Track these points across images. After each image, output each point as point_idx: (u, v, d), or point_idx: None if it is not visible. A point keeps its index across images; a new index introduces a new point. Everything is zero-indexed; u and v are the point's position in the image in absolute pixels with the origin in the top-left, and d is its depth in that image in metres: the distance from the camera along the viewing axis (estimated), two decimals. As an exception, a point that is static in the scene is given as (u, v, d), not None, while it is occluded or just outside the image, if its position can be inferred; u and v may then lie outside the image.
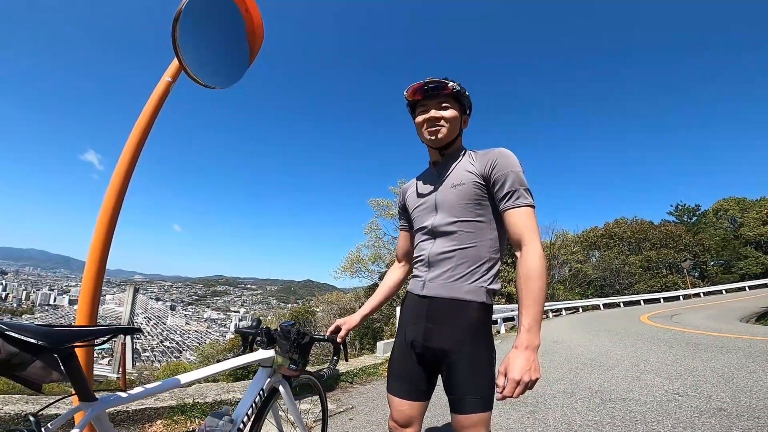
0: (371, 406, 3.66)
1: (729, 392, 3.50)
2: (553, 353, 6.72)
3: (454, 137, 1.49)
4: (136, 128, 2.14)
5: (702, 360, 5.13)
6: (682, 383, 3.95)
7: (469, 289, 1.37)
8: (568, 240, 34.36)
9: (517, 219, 1.31)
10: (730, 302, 20.31)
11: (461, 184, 1.41)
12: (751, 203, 43.60)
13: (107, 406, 1.08)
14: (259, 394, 1.57)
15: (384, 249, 25.16)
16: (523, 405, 3.52)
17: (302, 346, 1.66)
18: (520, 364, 1.16)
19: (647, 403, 3.35)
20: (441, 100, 1.45)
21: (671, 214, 48.08)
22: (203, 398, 3.08)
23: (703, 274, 37.61)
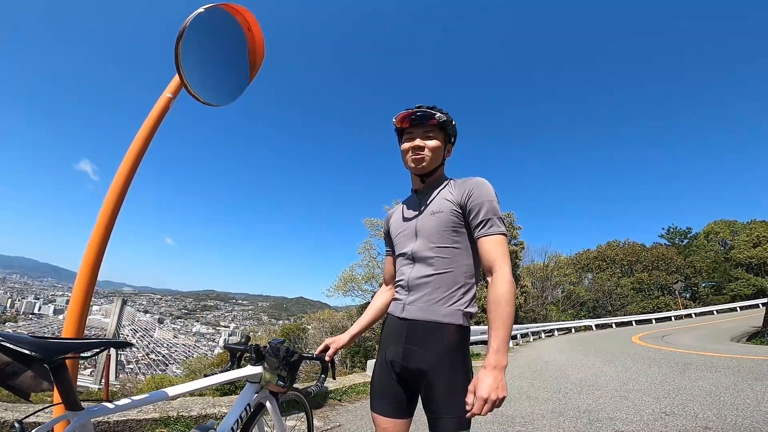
0: (359, 424, 3.63)
1: (715, 410, 3.52)
2: (543, 373, 6.71)
3: (437, 166, 1.54)
4: (135, 142, 2.18)
5: (690, 379, 5.15)
6: (670, 402, 3.96)
7: (446, 312, 1.42)
8: (562, 262, 34.56)
9: (489, 246, 1.36)
10: (721, 323, 20.37)
11: (440, 212, 1.47)
12: (741, 226, 44.17)
13: (93, 416, 1.09)
14: (245, 408, 1.58)
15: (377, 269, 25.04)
16: (510, 424, 3.51)
17: (291, 364, 1.68)
18: (488, 383, 1.20)
19: (634, 423, 3.35)
20: (427, 129, 1.51)
21: (663, 236, 48.54)
22: (188, 412, 3.04)
23: (694, 296, 37.78)
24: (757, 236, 40.77)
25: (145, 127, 2.21)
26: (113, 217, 2.13)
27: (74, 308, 1.98)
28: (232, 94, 2.48)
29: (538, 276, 30.55)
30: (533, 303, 27.82)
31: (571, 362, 8.06)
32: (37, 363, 0.96)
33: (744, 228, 43.38)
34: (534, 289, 28.76)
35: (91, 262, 2.05)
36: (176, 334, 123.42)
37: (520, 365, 7.97)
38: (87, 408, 1.08)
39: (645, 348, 10.28)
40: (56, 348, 0.99)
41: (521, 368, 7.48)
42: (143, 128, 2.20)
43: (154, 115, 2.23)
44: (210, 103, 2.33)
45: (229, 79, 2.43)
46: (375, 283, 24.65)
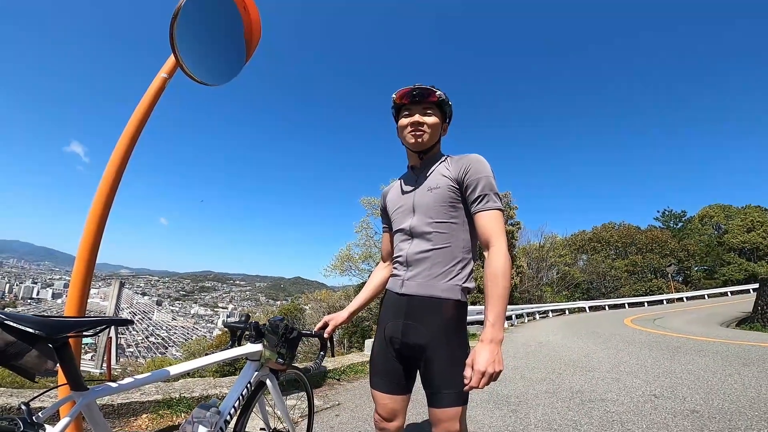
0: (358, 402, 3.72)
1: (703, 394, 3.62)
2: (537, 354, 6.85)
3: (434, 143, 1.57)
4: (131, 123, 2.17)
5: (680, 363, 5.28)
6: (659, 385, 4.07)
7: (445, 287, 1.45)
8: (557, 243, 34.82)
9: (486, 221, 1.39)
10: (712, 307, 20.74)
11: (437, 188, 1.49)
12: (736, 210, 44.50)
13: (98, 395, 1.11)
14: (246, 386, 1.60)
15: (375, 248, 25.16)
16: (506, 404, 3.61)
17: (290, 341, 1.70)
18: (485, 356, 1.23)
19: (624, 404, 3.45)
20: (426, 106, 1.52)
21: (658, 219, 48.86)
22: (190, 393, 3.10)
23: (686, 279, 38.34)
24: (752, 221, 41.14)
25: (140, 107, 2.19)
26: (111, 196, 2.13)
27: (75, 289, 2.00)
28: (228, 74, 2.45)
29: (534, 256, 30.82)
30: (528, 284, 28.15)
31: (564, 343, 8.23)
32: (42, 342, 0.95)
33: (739, 213, 43.73)
34: (529, 270, 29.08)
35: (90, 242, 2.06)
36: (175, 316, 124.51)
37: (515, 346, 8.12)
38: (92, 388, 1.10)
39: (637, 331, 10.47)
40: (60, 326, 1.00)
41: (516, 349, 7.63)
42: (138, 109, 2.19)
43: (149, 96, 2.21)
44: (206, 83, 2.31)
45: (224, 58, 2.40)
46: (372, 263, 24.80)
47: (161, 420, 2.79)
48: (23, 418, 0.93)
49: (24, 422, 0.92)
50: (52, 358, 0.97)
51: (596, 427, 2.90)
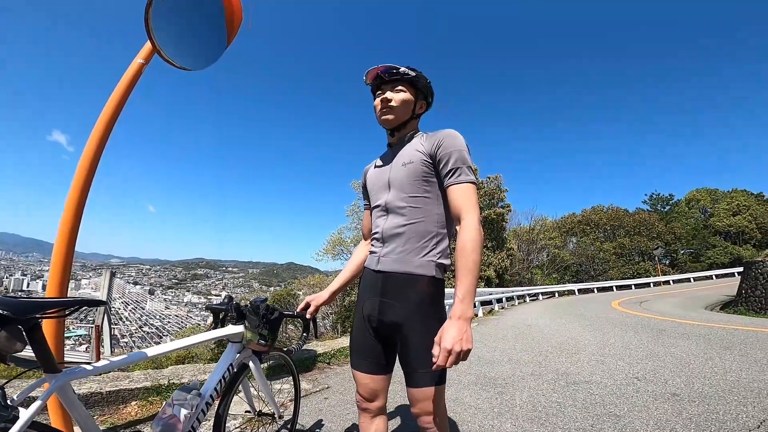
0: (346, 386, 3.75)
1: (684, 378, 3.71)
2: (525, 336, 6.97)
3: (406, 120, 1.57)
4: (106, 109, 2.15)
5: (664, 346, 5.40)
6: (642, 368, 4.17)
7: (419, 263, 1.44)
8: (547, 225, 35.16)
9: (458, 195, 1.38)
10: (697, 290, 21.21)
11: (410, 163, 1.49)
12: (722, 194, 45.13)
13: (72, 377, 1.10)
14: (228, 369, 1.60)
15: (364, 233, 25.14)
16: (492, 386, 3.67)
17: (271, 322, 1.70)
18: (453, 334, 1.19)
19: (608, 387, 3.53)
20: (395, 84, 1.53)
21: (646, 202, 49.42)
22: (179, 379, 3.11)
23: (673, 262, 39.05)
24: (737, 205, 41.81)
25: (116, 93, 2.17)
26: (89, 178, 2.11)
27: (56, 268, 1.99)
28: (209, 58, 2.39)
29: (524, 239, 31.14)
30: (519, 266, 28.52)
31: (552, 326, 8.38)
32: (10, 323, 0.94)
33: (725, 196, 44.38)
34: (520, 253, 29.41)
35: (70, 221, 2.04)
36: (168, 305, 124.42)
37: (504, 328, 8.26)
38: (65, 370, 1.08)
39: (623, 314, 10.69)
40: (30, 307, 0.97)
41: (504, 331, 7.75)
42: (113, 96, 2.17)
43: (124, 82, 2.19)
44: (185, 68, 2.26)
45: (204, 42, 2.33)
46: (364, 246, 24.82)
47: (151, 407, 2.79)
48: None
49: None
50: (21, 339, 0.96)
51: (579, 409, 2.97)
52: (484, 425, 2.72)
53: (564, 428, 2.61)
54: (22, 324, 0.97)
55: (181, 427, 1.30)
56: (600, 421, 2.70)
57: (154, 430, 1.30)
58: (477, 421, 2.79)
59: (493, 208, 24.22)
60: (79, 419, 1.13)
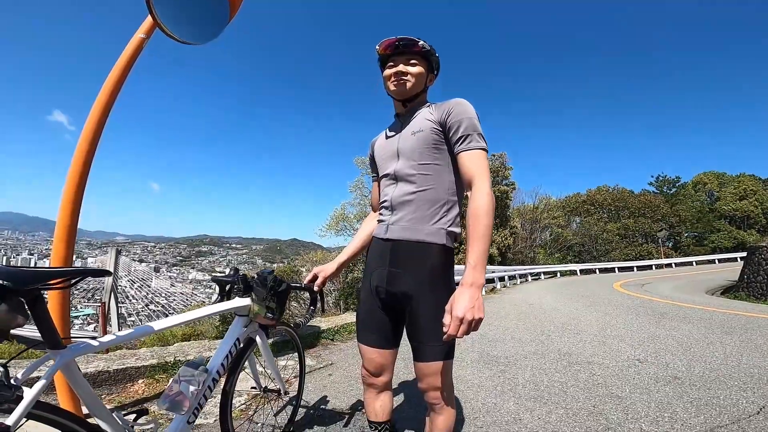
0: (351, 362, 3.80)
1: (685, 361, 3.73)
2: (528, 315, 7.02)
3: (418, 92, 1.56)
4: (106, 85, 2.11)
5: (665, 329, 5.43)
6: (644, 350, 4.20)
7: (430, 231, 1.43)
8: (551, 205, 35.00)
9: (469, 161, 1.37)
10: (699, 274, 21.25)
11: (420, 131, 1.48)
12: (729, 178, 44.67)
13: (76, 353, 1.05)
14: (234, 343, 1.57)
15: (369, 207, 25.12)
16: (495, 364, 3.72)
17: (279, 294, 1.67)
18: (464, 302, 1.17)
19: (609, 368, 3.56)
20: (410, 57, 1.52)
21: (652, 184, 49.02)
22: (185, 356, 3.14)
23: (676, 245, 39.00)
24: (744, 189, 41.42)
25: (116, 69, 2.12)
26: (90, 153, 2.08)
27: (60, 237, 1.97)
28: (212, 32, 2.31)
29: (528, 218, 31.08)
30: (522, 245, 28.56)
31: (554, 306, 8.44)
32: (10, 295, 0.88)
33: (732, 180, 43.94)
34: (523, 231, 29.42)
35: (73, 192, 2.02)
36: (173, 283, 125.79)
37: (506, 307, 8.32)
38: (70, 346, 1.04)
39: (625, 296, 10.74)
40: (29, 277, 0.92)
41: (506, 310, 7.81)
42: (114, 71, 2.12)
43: (125, 58, 2.14)
44: (187, 42, 2.20)
45: (207, 15, 2.26)
46: (366, 222, 24.89)
47: (158, 384, 2.83)
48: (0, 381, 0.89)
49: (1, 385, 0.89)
50: (22, 313, 0.90)
51: (582, 389, 3.00)
52: (487, 403, 2.75)
53: (567, 408, 2.64)
54: (23, 296, 0.92)
55: (188, 403, 1.30)
56: (602, 402, 2.73)
57: (161, 407, 1.29)
58: (480, 399, 2.83)
59: (498, 186, 24.05)
60: (85, 397, 1.10)
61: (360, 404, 2.70)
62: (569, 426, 2.37)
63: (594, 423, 2.40)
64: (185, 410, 1.29)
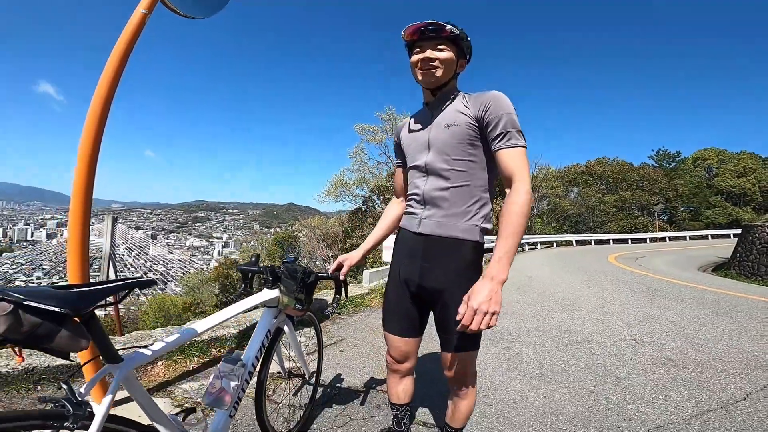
0: (359, 338, 3.95)
1: (679, 342, 3.89)
2: (528, 289, 7.23)
3: (448, 79, 1.50)
4: (109, 65, 2.04)
5: (659, 308, 5.62)
6: (640, 330, 4.37)
7: (464, 227, 1.46)
8: (550, 175, 35.02)
9: (509, 159, 1.36)
10: (691, 249, 21.67)
11: (455, 125, 1.45)
12: (730, 155, 44.55)
13: (134, 364, 1.07)
14: (266, 335, 1.62)
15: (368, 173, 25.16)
16: (499, 341, 3.87)
17: (308, 286, 1.69)
18: (483, 294, 1.18)
19: (608, 347, 3.72)
20: (438, 42, 1.45)
21: (651, 158, 48.75)
22: (199, 336, 3.19)
23: (671, 219, 39.36)
24: (744, 167, 41.43)
25: (118, 47, 2.05)
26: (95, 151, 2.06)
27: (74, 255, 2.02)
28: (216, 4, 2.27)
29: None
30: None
31: (553, 279, 8.67)
32: (70, 320, 0.88)
33: (732, 158, 43.88)
34: (521, 200, 29.61)
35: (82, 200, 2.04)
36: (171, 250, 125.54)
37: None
38: (126, 358, 1.06)
39: (620, 269, 11.00)
40: (84, 299, 0.92)
41: (507, 283, 7.98)
42: (116, 49, 2.04)
43: (127, 34, 2.05)
44: (191, 16, 2.16)
45: None
46: (366, 188, 24.97)
47: (177, 366, 2.88)
48: (68, 398, 0.90)
49: (71, 403, 0.89)
50: (84, 336, 0.91)
51: (583, 369, 3.15)
52: (495, 381, 2.90)
53: (569, 388, 2.79)
54: (81, 318, 0.92)
55: (230, 399, 1.35)
56: (602, 383, 2.88)
57: (205, 402, 1.35)
58: (488, 377, 2.97)
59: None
60: (145, 405, 1.13)
61: (373, 381, 2.84)
62: (573, 405, 2.51)
63: (595, 403, 2.55)
64: (227, 405, 1.36)
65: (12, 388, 2.34)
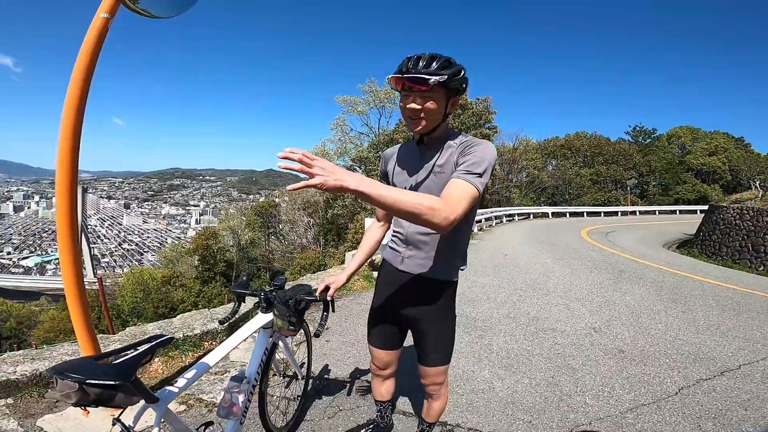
0: (344, 326, 4.20)
1: (632, 333, 4.26)
2: (503, 268, 7.68)
3: (436, 125, 1.52)
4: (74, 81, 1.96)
5: (620, 292, 6.08)
6: (599, 318, 4.74)
7: (444, 270, 1.67)
8: (530, 147, 35.54)
9: (458, 188, 1.33)
10: (659, 224, 22.68)
11: (441, 173, 1.53)
12: (704, 134, 45.84)
13: (168, 401, 1.29)
14: (264, 352, 1.86)
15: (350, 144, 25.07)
16: (473, 328, 4.20)
17: (299, 311, 1.87)
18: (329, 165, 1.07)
19: (569, 336, 4.09)
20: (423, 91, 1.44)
21: (628, 134, 49.56)
22: (191, 331, 3.34)
23: (643, 193, 40.70)
24: (716, 146, 42.87)
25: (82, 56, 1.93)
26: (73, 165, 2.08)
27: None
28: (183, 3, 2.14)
29: (506, 158, 31.61)
30: (499, 185, 29.32)
31: (527, 258, 9.13)
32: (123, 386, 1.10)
33: (706, 136, 45.22)
34: (501, 171, 30.11)
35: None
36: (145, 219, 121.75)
37: (483, 258, 8.91)
38: (161, 397, 1.26)
39: (590, 246, 11.60)
40: (130, 368, 1.13)
41: (484, 262, 8.34)
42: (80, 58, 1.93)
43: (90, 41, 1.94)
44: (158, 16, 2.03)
45: None
46: (347, 158, 24.94)
47: (173, 362, 3.04)
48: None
49: None
50: (135, 394, 1.14)
51: (545, 359, 3.49)
52: (467, 370, 3.22)
53: (531, 378, 3.13)
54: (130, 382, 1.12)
55: (239, 410, 1.59)
56: (559, 373, 3.24)
57: (219, 415, 1.59)
58: (460, 366, 3.29)
59: (480, 129, 24.09)
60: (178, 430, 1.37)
61: (358, 372, 3.13)
62: (532, 396, 2.86)
63: (551, 394, 2.89)
64: (238, 416, 1.60)
65: (24, 393, 2.49)
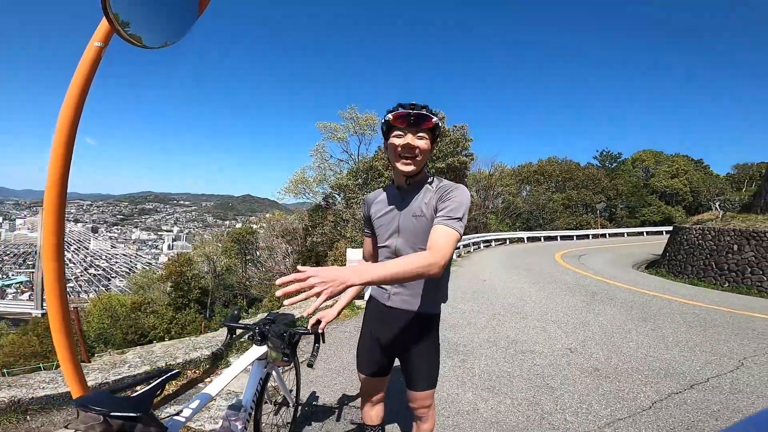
0: (329, 353, 4.24)
1: (606, 352, 4.47)
2: (482, 294, 7.86)
3: (422, 168, 1.66)
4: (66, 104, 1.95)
5: (594, 313, 6.34)
6: (575, 339, 4.96)
7: (427, 306, 1.81)
8: (505, 173, 36.64)
9: (441, 234, 1.45)
10: (628, 246, 23.53)
11: (422, 216, 1.63)
12: (665, 157, 48.52)
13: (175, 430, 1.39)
14: (258, 382, 1.95)
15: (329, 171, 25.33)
16: (455, 353, 4.33)
17: (293, 344, 1.98)
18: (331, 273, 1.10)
19: (547, 357, 4.26)
20: (420, 130, 1.56)
21: (596, 158, 51.89)
22: (174, 359, 3.35)
23: (611, 216, 42.29)
24: (677, 168, 45.32)
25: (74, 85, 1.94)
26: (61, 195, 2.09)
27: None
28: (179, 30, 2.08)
29: (483, 185, 32.44)
30: (476, 212, 29.97)
31: (504, 284, 9.33)
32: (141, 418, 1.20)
33: (667, 159, 47.82)
34: (478, 197, 30.83)
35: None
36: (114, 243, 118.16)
37: (463, 284, 9.07)
38: (168, 426, 1.34)
39: (564, 270, 11.97)
40: (147, 400, 1.25)
41: (464, 289, 8.50)
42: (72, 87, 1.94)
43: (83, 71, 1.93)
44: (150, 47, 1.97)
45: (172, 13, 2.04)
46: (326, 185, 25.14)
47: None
48: None
49: None
50: (152, 425, 1.24)
51: (525, 380, 3.64)
52: (451, 394, 3.34)
53: (513, 398, 3.27)
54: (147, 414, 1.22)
55: None
56: (539, 393, 3.39)
57: None
58: (445, 390, 3.40)
59: (457, 156, 24.78)
60: None
61: (346, 398, 3.20)
62: (514, 416, 2.99)
63: (532, 413, 3.04)
64: None
65: (3, 419, 2.48)
